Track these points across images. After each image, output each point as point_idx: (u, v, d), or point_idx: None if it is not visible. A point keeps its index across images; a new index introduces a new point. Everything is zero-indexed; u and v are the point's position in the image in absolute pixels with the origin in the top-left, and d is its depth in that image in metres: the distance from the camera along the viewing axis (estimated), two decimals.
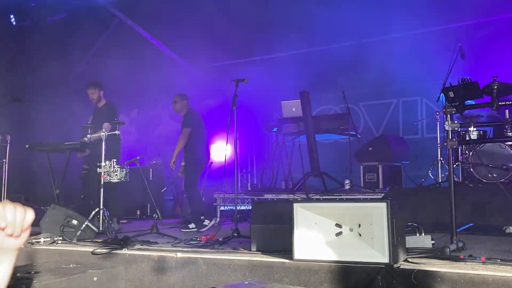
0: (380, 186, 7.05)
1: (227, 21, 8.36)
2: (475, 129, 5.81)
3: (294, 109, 7.83)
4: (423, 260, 3.32)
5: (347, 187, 7.01)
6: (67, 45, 8.98)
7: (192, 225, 6.23)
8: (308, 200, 6.10)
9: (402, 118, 9.68)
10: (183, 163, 6.98)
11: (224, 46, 9.56)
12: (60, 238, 4.87)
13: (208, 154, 7.16)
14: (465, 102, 5.31)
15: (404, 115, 9.67)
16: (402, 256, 3.38)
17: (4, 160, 7.22)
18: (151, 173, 9.35)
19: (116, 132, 5.89)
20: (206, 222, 6.20)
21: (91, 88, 6.89)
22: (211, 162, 9.04)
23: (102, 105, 6.99)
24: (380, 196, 6.18)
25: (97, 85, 6.94)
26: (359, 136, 7.78)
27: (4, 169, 7.20)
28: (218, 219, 7.42)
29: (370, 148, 7.38)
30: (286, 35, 8.63)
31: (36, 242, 4.61)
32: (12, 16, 8.34)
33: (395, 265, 3.18)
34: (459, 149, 6.15)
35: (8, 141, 7.24)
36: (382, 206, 3.25)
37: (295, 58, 9.43)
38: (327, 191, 7.06)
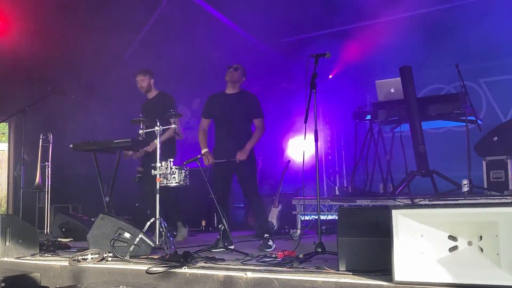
0: (510, 187, 6.76)
1: None
2: None
3: (392, 90, 7.64)
4: None
5: (465, 189, 6.77)
6: (115, 26, 9.32)
7: (271, 242, 6.02)
8: (412, 206, 5.93)
9: None
10: None
11: (297, 17, 9.42)
12: (111, 254, 5.06)
13: None
14: None
15: None
16: None
17: (47, 163, 7.59)
18: None
19: (173, 126, 6.01)
20: (270, 242, 6.05)
21: (141, 75, 7.26)
22: (289, 161, 9.05)
23: (154, 96, 7.34)
24: (510, 200, 5.90)
25: (148, 72, 7.31)
26: (480, 122, 7.44)
27: (47, 173, 7.57)
28: (298, 231, 7.44)
29: (496, 138, 7.09)
30: None
31: (82, 259, 4.83)
32: None
33: None
34: None
35: (51, 141, 7.62)
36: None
37: (390, 25, 9.12)
38: (438, 195, 6.86)
